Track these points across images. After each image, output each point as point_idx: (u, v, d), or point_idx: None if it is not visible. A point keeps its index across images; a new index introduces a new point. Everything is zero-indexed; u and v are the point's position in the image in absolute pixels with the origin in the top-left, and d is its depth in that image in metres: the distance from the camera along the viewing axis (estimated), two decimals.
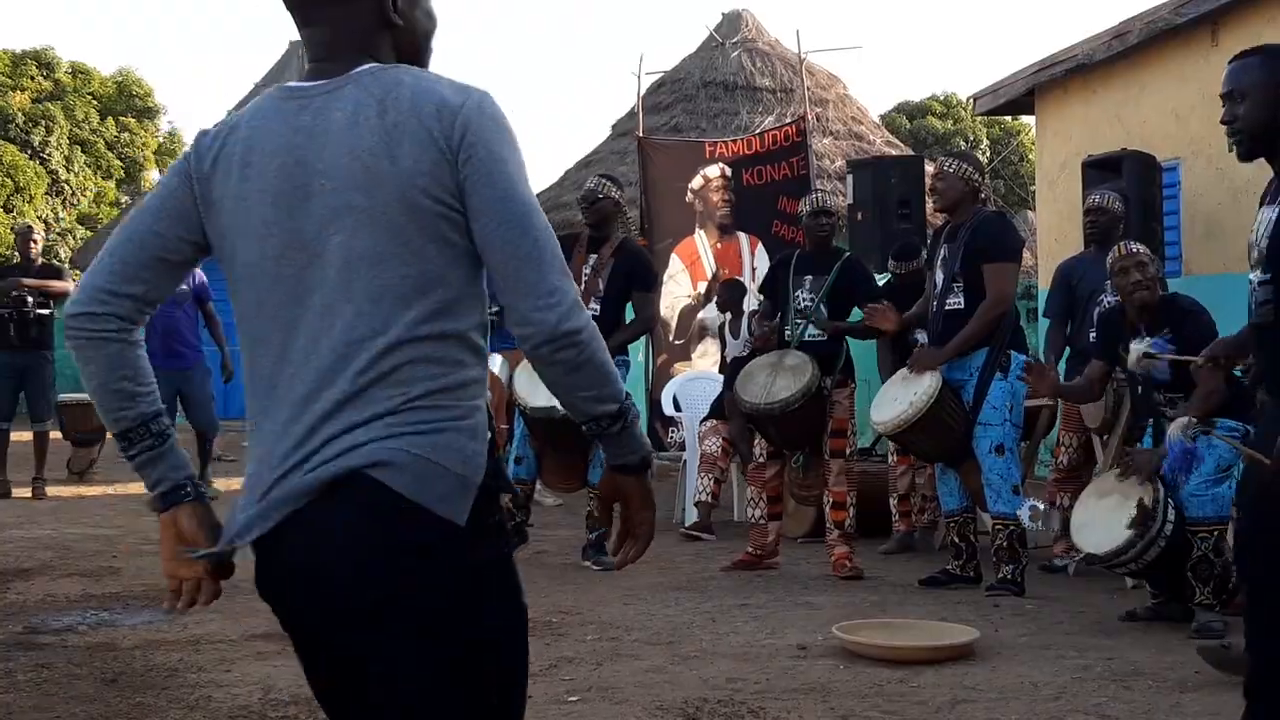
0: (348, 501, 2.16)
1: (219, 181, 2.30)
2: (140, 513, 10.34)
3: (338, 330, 2.21)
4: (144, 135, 35.45)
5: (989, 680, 5.31)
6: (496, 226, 2.20)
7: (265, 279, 2.27)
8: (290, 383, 2.25)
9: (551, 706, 4.97)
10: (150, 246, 2.36)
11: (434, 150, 2.19)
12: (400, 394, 2.19)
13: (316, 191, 2.22)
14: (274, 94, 2.34)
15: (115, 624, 6.46)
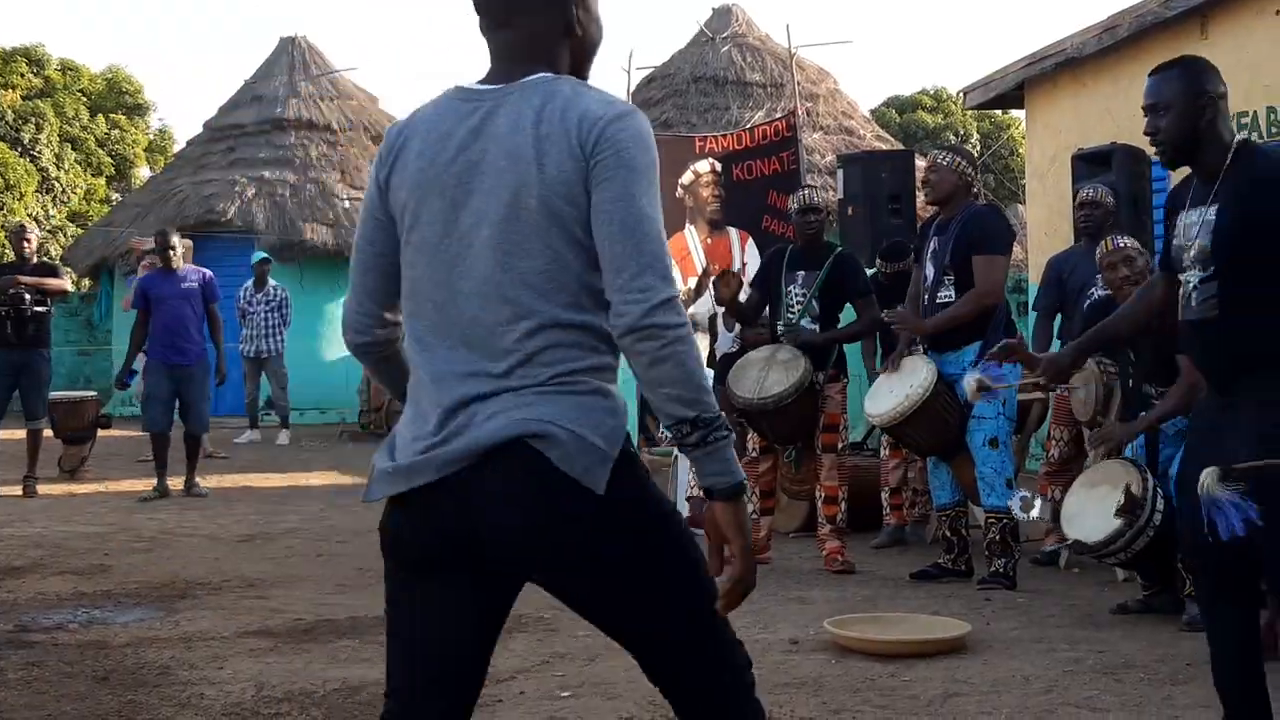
0: (506, 467, 2.42)
1: (399, 169, 2.58)
2: (132, 510, 10.34)
3: (488, 314, 2.48)
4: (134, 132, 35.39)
5: (981, 674, 5.32)
6: (608, 224, 2.43)
7: (427, 261, 2.54)
8: (445, 355, 2.52)
9: (544, 702, 4.98)
10: (376, 265, 2.66)
11: (573, 159, 2.44)
12: (547, 372, 2.46)
13: (475, 189, 2.49)
14: (452, 94, 2.61)
15: (106, 622, 6.45)
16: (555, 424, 2.42)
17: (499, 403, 2.45)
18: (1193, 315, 3.88)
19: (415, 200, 2.55)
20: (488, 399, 2.46)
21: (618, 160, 2.44)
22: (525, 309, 2.46)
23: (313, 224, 19.51)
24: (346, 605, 6.79)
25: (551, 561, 2.47)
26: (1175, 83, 3.98)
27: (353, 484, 12.31)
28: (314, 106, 21.23)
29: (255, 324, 15.65)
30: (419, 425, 2.53)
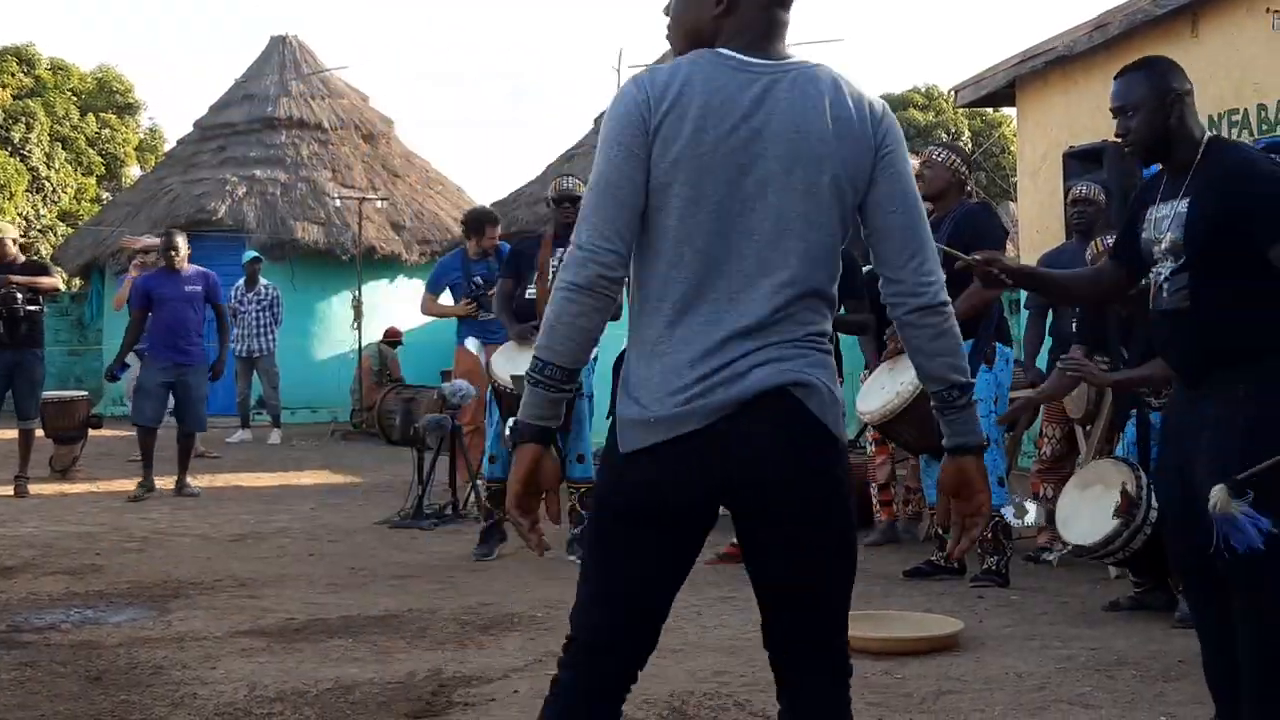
0: (772, 413, 2.62)
1: (673, 121, 2.65)
2: (123, 510, 10.32)
3: (764, 274, 2.65)
4: (125, 131, 35.34)
5: (974, 671, 5.32)
6: (901, 215, 2.72)
7: (704, 217, 2.66)
8: (708, 309, 2.65)
9: (537, 701, 4.94)
10: (631, 203, 2.69)
11: (864, 146, 2.70)
12: (801, 330, 2.67)
13: (759, 155, 2.65)
14: (718, 59, 2.71)
15: (99, 622, 6.44)
16: (813, 375, 2.66)
17: (763, 355, 2.63)
18: (1164, 306, 3.93)
19: (695, 157, 2.64)
20: (751, 353, 2.63)
21: (900, 157, 2.74)
22: (798, 274, 2.66)
23: (304, 223, 19.48)
24: (338, 604, 6.79)
25: (796, 496, 2.65)
26: (1143, 84, 4.06)
27: (344, 483, 12.31)
28: (305, 105, 21.20)
29: (246, 323, 15.63)
30: (672, 378, 2.64)
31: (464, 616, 6.48)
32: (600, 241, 2.65)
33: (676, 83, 2.68)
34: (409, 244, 20.00)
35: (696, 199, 2.65)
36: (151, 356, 11.15)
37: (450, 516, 9.69)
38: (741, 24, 2.75)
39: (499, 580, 7.48)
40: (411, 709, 4.86)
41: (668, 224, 2.67)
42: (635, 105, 2.69)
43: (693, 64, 2.71)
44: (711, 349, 2.63)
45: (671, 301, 2.68)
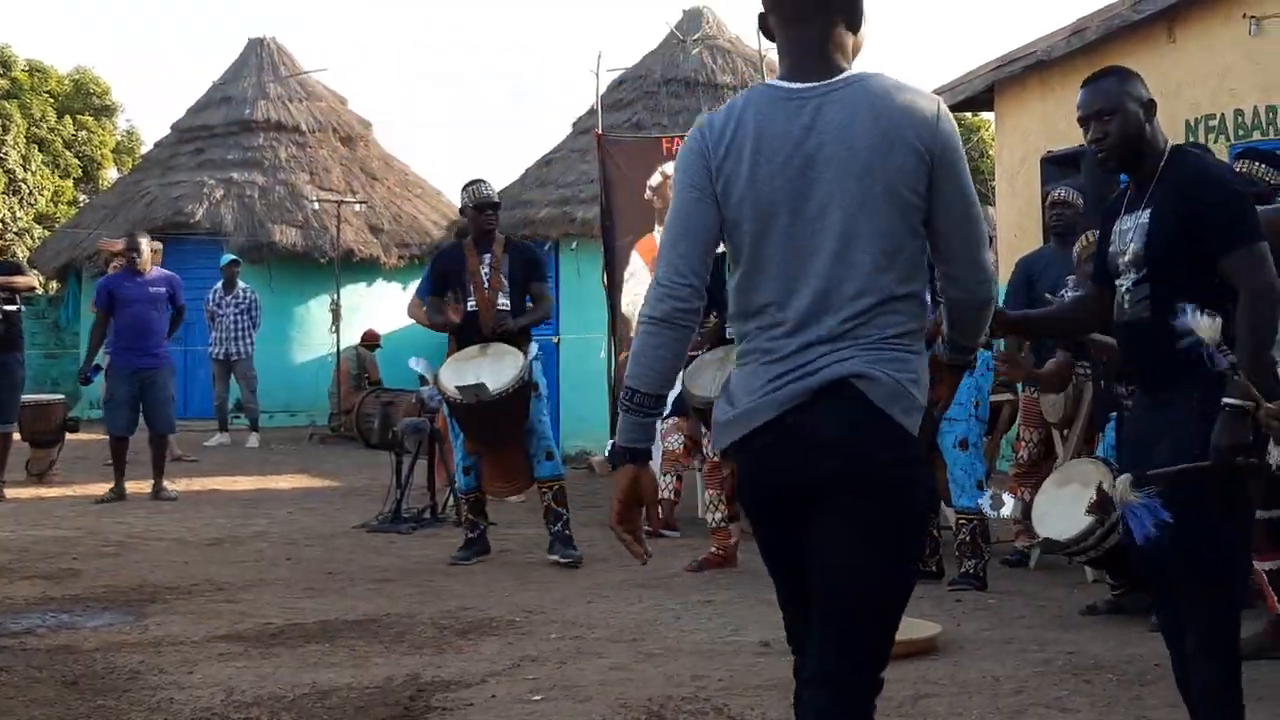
0: (834, 403, 2.81)
1: (732, 159, 2.89)
2: (99, 514, 10.28)
3: (834, 285, 2.83)
4: (101, 134, 35.18)
5: (951, 675, 5.33)
6: (959, 217, 2.90)
7: (774, 243, 2.88)
8: (788, 324, 2.87)
9: (515, 705, 4.97)
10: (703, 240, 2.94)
11: (916, 154, 2.83)
12: (877, 334, 2.84)
13: (816, 179, 2.84)
14: (769, 93, 2.93)
15: (75, 626, 6.41)
16: (878, 369, 2.82)
17: (833, 356, 2.83)
18: (1125, 317, 3.94)
19: (754, 192, 2.87)
20: (824, 355, 2.83)
21: (956, 159, 2.88)
22: (867, 284, 2.83)
23: (282, 226, 19.42)
24: (315, 609, 6.77)
25: (858, 490, 2.81)
26: (1117, 90, 4.05)
27: (322, 486, 12.28)
28: (283, 108, 21.14)
29: (224, 326, 15.59)
30: (753, 380, 2.90)
31: (442, 621, 6.47)
32: (675, 278, 2.91)
33: (731, 124, 2.91)
34: (387, 247, 19.95)
35: (764, 231, 2.88)
36: (116, 361, 11.11)
37: (428, 520, 9.68)
38: (784, 50, 2.98)
39: (477, 585, 7.47)
40: (389, 714, 4.86)
41: (743, 254, 2.92)
42: (698, 152, 2.94)
43: (745, 102, 2.94)
44: (789, 354, 2.86)
45: (758, 321, 2.92)
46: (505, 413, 7.88)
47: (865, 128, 2.83)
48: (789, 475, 2.86)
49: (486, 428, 8.03)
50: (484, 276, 8.18)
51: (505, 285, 8.16)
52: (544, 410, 8.20)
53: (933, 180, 2.86)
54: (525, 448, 8.14)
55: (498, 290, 8.13)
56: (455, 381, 7.87)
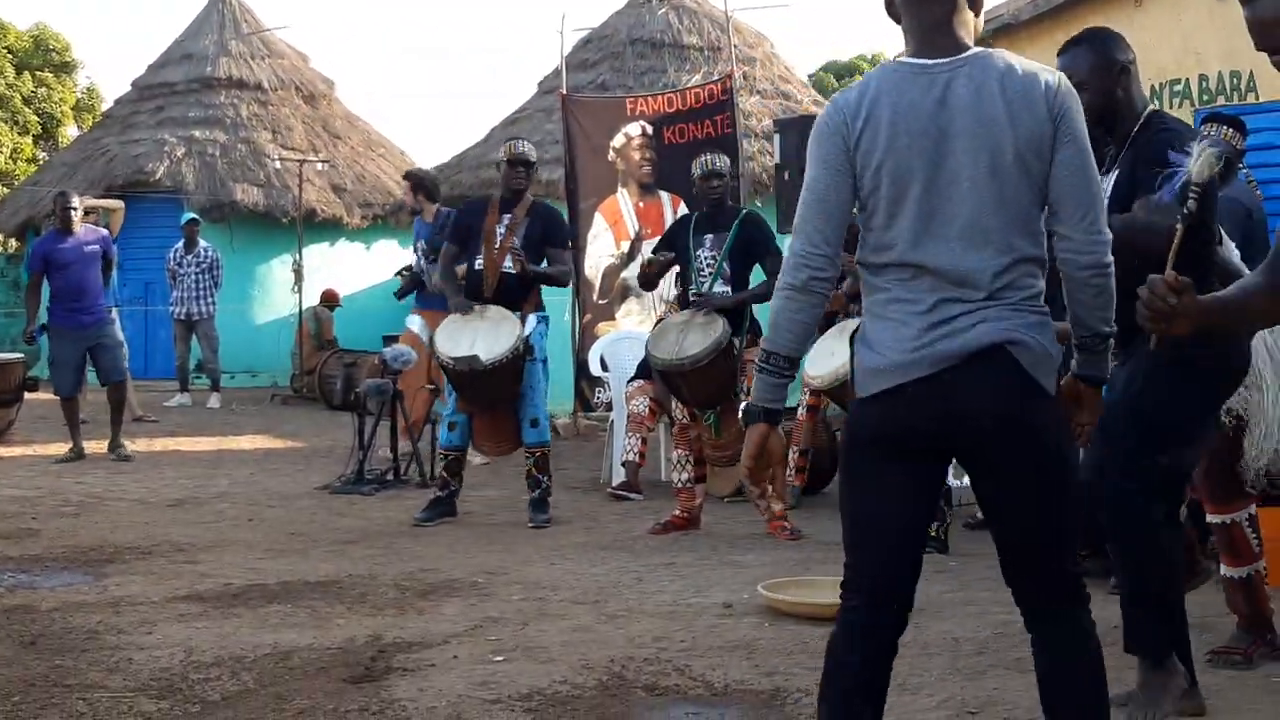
0: (989, 366, 3.00)
1: (869, 133, 3.07)
2: (59, 474, 10.22)
3: (971, 251, 3.03)
4: (61, 90, 34.81)
5: (912, 636, 5.33)
6: (1078, 179, 3.06)
7: (909, 212, 3.06)
8: (928, 283, 3.05)
9: (478, 666, 4.97)
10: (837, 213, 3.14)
11: (1042, 122, 3.03)
12: (1017, 295, 3.04)
13: (949, 150, 3.02)
14: (900, 69, 3.12)
15: (34, 586, 6.37)
16: (1027, 334, 3.02)
17: (981, 315, 3.01)
18: None
19: (892, 162, 3.05)
20: (971, 313, 3.01)
21: (1076, 125, 3.06)
22: (1003, 246, 3.03)
23: (243, 184, 19.27)
24: (277, 569, 6.75)
25: (1007, 443, 3.02)
26: (1087, 57, 4.13)
27: (284, 447, 12.23)
28: (244, 65, 20.95)
29: (185, 286, 15.46)
30: (900, 332, 3.06)
31: (404, 582, 6.46)
32: (811, 248, 3.12)
33: (867, 99, 3.09)
34: (350, 207, 19.83)
35: (897, 198, 3.07)
36: (58, 323, 11.02)
37: (391, 482, 9.66)
38: (911, 29, 3.16)
39: (439, 546, 7.45)
40: (350, 674, 4.84)
41: (879, 222, 3.10)
42: (835, 125, 3.11)
43: (879, 78, 3.13)
44: (934, 309, 3.04)
45: (897, 280, 3.09)
46: (498, 380, 7.85)
47: (993, 101, 3.02)
48: (939, 426, 3.05)
49: (479, 392, 8.03)
50: (498, 236, 8.10)
51: (517, 247, 8.05)
52: (539, 376, 8.13)
53: (1056, 145, 3.04)
54: (516, 411, 8.10)
55: (507, 252, 8.05)
56: (450, 347, 7.83)
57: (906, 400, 3.05)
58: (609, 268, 12.07)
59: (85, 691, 4.63)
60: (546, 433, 8.18)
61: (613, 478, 9.56)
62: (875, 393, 3.09)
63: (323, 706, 4.46)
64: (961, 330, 3.02)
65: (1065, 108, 3.06)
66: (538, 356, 8.08)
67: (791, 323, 3.15)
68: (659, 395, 8.81)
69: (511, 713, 4.41)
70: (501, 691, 4.63)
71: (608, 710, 4.46)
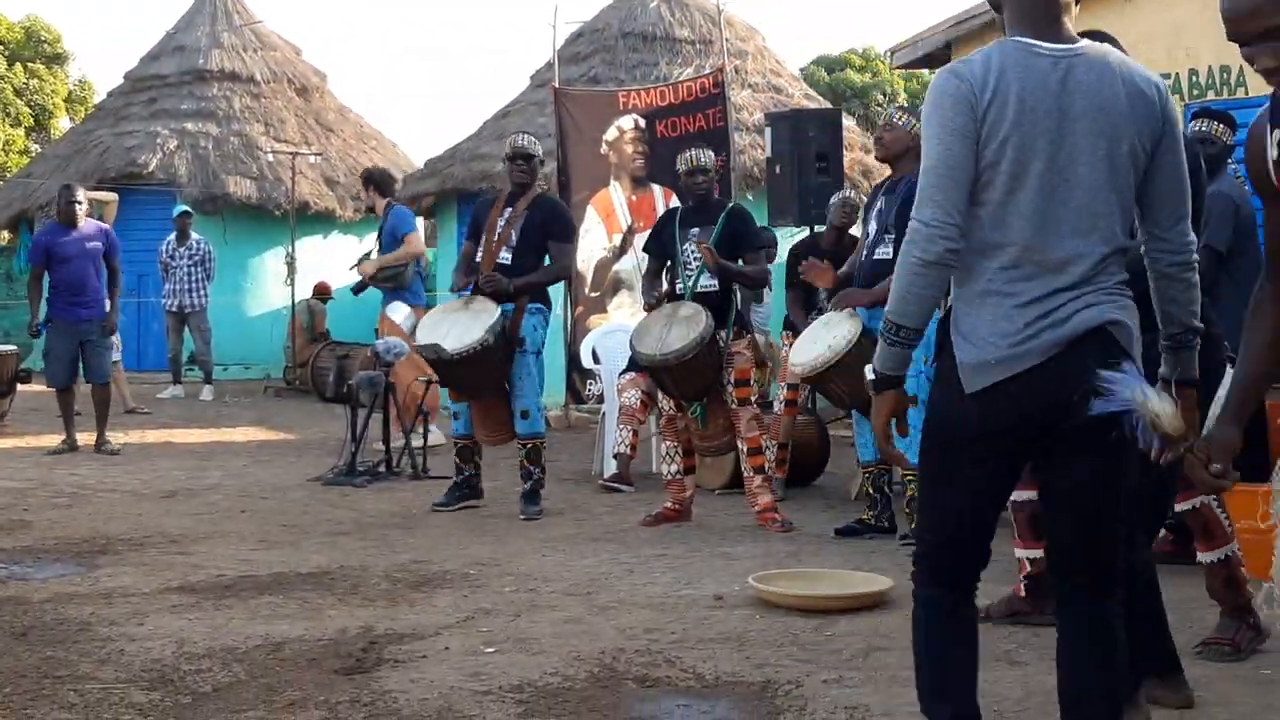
0: (1094, 347, 3.10)
1: (997, 107, 3.13)
2: (51, 465, 10.22)
3: (1080, 234, 3.14)
4: (53, 82, 34.77)
5: (903, 628, 5.33)
6: (1177, 185, 3.24)
7: (1028, 188, 3.14)
8: (1034, 266, 3.14)
9: (468, 658, 4.98)
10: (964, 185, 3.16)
11: (1153, 118, 3.17)
12: (1110, 280, 3.17)
13: (1069, 132, 3.12)
14: (1022, 47, 3.17)
15: (26, 577, 6.38)
16: (1123, 315, 3.15)
17: (1084, 300, 3.12)
18: None
19: (1019, 136, 3.12)
20: (1076, 299, 3.12)
21: (1178, 128, 3.24)
22: (1107, 233, 3.15)
23: (236, 177, 19.24)
24: (269, 561, 6.76)
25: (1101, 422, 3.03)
26: None
27: (277, 439, 12.23)
28: (237, 57, 20.92)
29: (178, 278, 15.46)
30: (1004, 324, 3.14)
31: (396, 574, 6.47)
32: (944, 218, 3.13)
33: (993, 72, 3.14)
34: (342, 200, 19.82)
35: (1019, 174, 3.13)
36: (57, 316, 11.00)
37: (383, 474, 9.67)
38: (1023, 14, 3.23)
39: (431, 538, 7.47)
40: (342, 665, 4.86)
41: (994, 196, 3.15)
42: (963, 95, 3.15)
43: (1001, 54, 3.17)
44: (1035, 299, 3.12)
45: (999, 261, 3.16)
46: (472, 370, 7.88)
47: (1113, 91, 3.14)
48: (1048, 412, 3.12)
49: (456, 380, 8.12)
50: (497, 229, 8.15)
51: (513, 240, 8.09)
52: (530, 368, 8.15)
53: (1159, 147, 3.19)
54: (508, 402, 8.13)
55: (503, 244, 8.08)
56: (427, 335, 7.91)
57: (1018, 391, 3.13)
58: (601, 261, 12.07)
59: (77, 683, 4.64)
60: (538, 424, 8.19)
61: (604, 470, 9.58)
62: (983, 388, 3.15)
63: (314, 698, 4.47)
64: (1065, 318, 3.11)
65: (1173, 112, 3.22)
66: (530, 349, 8.09)
67: (921, 299, 3.20)
68: (650, 388, 8.82)
69: (503, 704, 4.43)
70: (493, 683, 4.65)
71: (599, 701, 4.47)
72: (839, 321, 7.24)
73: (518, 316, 8.05)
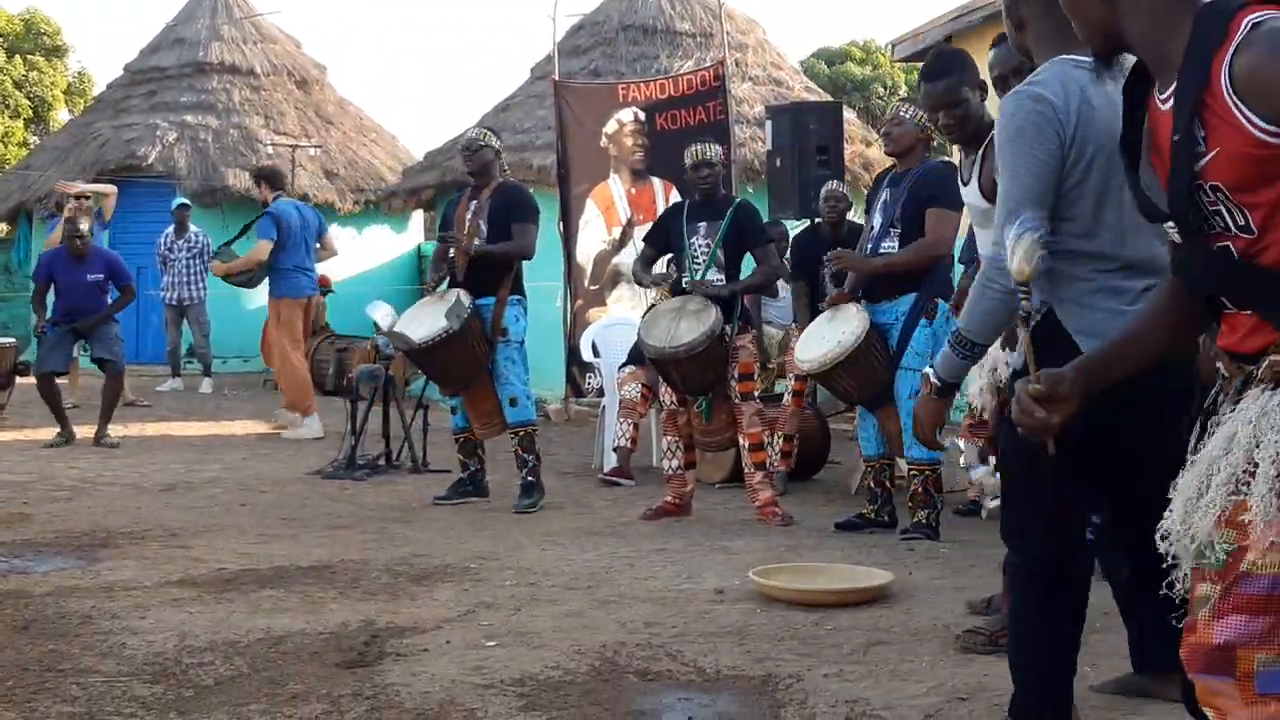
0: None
1: (1083, 130, 3.28)
2: (51, 458, 10.22)
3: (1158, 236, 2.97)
4: (52, 74, 34.74)
5: (903, 623, 5.38)
6: None
7: (1110, 207, 3.31)
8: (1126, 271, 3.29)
9: (469, 651, 4.98)
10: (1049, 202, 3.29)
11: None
12: None
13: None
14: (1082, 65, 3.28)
15: (26, 571, 6.38)
16: None
17: None
18: None
19: (1104, 156, 3.25)
20: None
21: None
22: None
23: (235, 170, 19.23)
24: (269, 554, 6.76)
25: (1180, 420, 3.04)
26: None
27: (277, 433, 12.23)
28: (237, 50, 20.91)
29: (177, 271, 15.45)
30: (1119, 319, 3.17)
31: (396, 567, 6.48)
32: (1036, 236, 3.04)
33: (1074, 95, 3.28)
34: (342, 192, 19.82)
35: (1105, 189, 3.29)
36: (55, 317, 11.38)
37: (383, 467, 9.67)
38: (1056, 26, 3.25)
39: (432, 531, 7.47)
40: (343, 659, 4.86)
41: (1083, 211, 3.32)
42: (1049, 121, 3.28)
43: (1067, 75, 3.30)
44: (1140, 293, 3.25)
45: (1095, 265, 3.32)
46: (445, 354, 7.96)
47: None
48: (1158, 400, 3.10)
49: (434, 370, 8.29)
50: (466, 222, 8.21)
51: (482, 231, 8.14)
52: (512, 356, 8.18)
53: None
54: (495, 393, 8.18)
55: (473, 236, 8.11)
56: (404, 325, 8.05)
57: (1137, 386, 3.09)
58: (600, 254, 12.07)
59: (79, 676, 4.64)
60: (528, 411, 8.22)
61: (604, 464, 9.58)
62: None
63: (316, 691, 4.48)
64: None
65: None
66: (513, 338, 8.15)
67: (992, 319, 3.41)
68: (650, 381, 8.83)
69: (504, 697, 4.43)
70: (494, 676, 4.65)
71: (600, 695, 4.47)
72: (847, 317, 7.23)
73: (499, 308, 8.11)
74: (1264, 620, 2.24)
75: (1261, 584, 2.24)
